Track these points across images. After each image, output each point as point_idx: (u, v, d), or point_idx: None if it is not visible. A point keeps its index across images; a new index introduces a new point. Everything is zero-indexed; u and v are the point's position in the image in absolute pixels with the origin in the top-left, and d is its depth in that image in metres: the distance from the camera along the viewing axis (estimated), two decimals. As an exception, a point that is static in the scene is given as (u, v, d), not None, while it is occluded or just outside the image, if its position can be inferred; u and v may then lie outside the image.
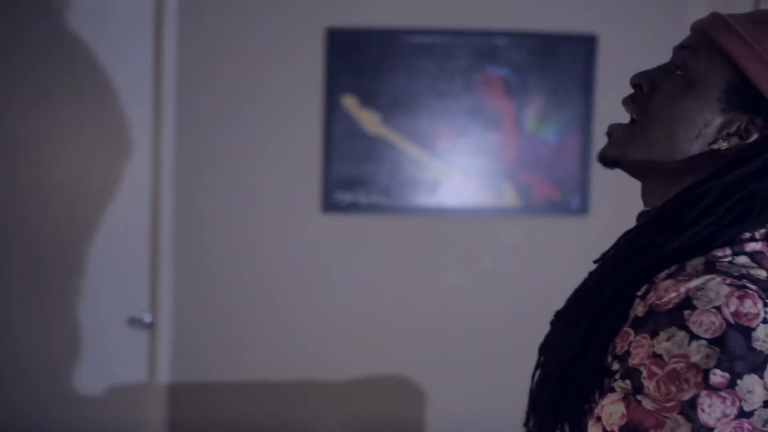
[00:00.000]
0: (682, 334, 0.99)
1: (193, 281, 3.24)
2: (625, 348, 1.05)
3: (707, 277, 1.03)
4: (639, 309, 1.06)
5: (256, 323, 3.27)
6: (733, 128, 1.12)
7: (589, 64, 3.37)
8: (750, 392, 0.97)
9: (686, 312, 1.00)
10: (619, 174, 1.27)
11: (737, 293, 1.00)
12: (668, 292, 1.04)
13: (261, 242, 3.26)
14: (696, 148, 1.13)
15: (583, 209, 3.37)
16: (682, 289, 1.03)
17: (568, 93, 3.37)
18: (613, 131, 1.21)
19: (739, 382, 0.96)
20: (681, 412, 0.97)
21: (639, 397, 1.01)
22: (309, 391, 3.31)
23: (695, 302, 1.01)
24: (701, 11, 3.32)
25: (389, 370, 3.35)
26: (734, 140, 1.12)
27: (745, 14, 1.15)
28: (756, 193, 1.09)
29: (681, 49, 1.18)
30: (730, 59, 1.11)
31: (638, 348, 1.03)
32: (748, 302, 1.00)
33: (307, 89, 3.25)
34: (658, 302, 1.04)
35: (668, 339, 1.00)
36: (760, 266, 1.07)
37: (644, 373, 1.01)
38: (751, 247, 1.08)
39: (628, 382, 1.03)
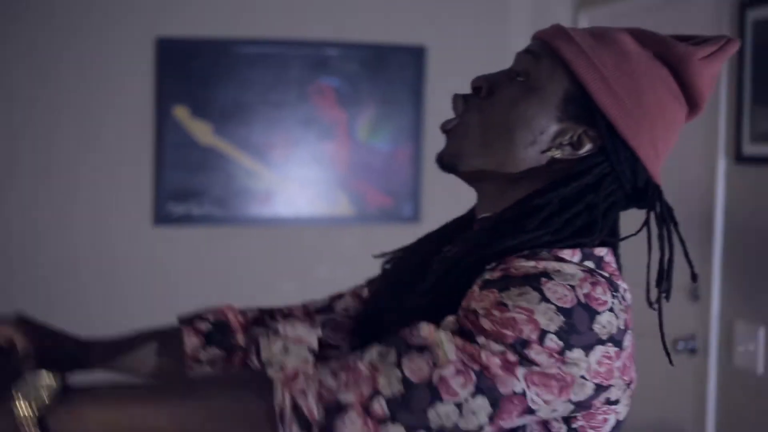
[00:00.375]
0: (534, 294, 1.01)
1: (13, 298, 3.11)
2: (467, 303, 1.05)
3: (564, 263, 1.06)
4: (488, 275, 1.07)
5: (86, 340, 3.17)
6: (567, 138, 1.14)
7: (419, 73, 3.44)
8: (575, 363, 1.00)
9: (543, 279, 1.02)
10: (449, 182, 1.29)
11: (590, 279, 1.03)
12: (524, 266, 1.05)
13: (89, 257, 3.16)
14: (531, 154, 1.15)
15: (415, 217, 3.44)
16: (540, 265, 1.05)
17: (398, 102, 3.44)
18: (449, 131, 1.20)
19: (567, 352, 0.99)
20: (512, 345, 0.99)
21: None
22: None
23: (553, 275, 1.03)
24: (523, 22, 3.46)
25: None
26: (567, 150, 1.14)
27: (585, 29, 1.19)
28: (595, 206, 1.12)
29: (525, 53, 1.19)
30: (570, 70, 1.14)
31: (483, 298, 1.03)
32: (599, 289, 1.03)
33: (137, 100, 3.18)
34: (513, 270, 1.05)
35: (519, 294, 1.01)
36: (604, 270, 1.11)
37: (481, 313, 1.01)
38: (598, 251, 1.12)
39: (460, 313, 1.04)
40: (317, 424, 0.98)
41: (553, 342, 0.99)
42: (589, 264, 1.10)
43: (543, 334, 0.99)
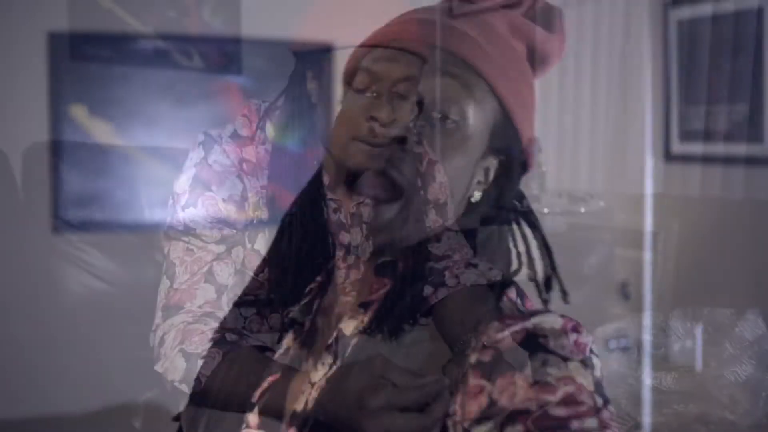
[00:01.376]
0: (552, 358, 0.83)
1: None
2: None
3: (537, 315, 0.88)
4: (475, 356, 0.88)
5: None
6: (482, 174, 0.98)
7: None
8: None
9: (540, 339, 0.85)
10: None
11: (570, 324, 0.87)
12: (499, 332, 0.88)
13: None
14: (462, 204, 0.97)
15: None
16: (517, 325, 0.87)
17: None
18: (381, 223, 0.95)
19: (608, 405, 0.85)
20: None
21: None
22: None
23: (541, 335, 0.86)
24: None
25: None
26: (482, 186, 0.99)
27: (467, 22, 0.96)
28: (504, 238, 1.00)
29: (447, 78, 0.93)
30: (494, 95, 0.95)
31: (507, 391, 0.83)
32: (582, 330, 0.88)
33: (31, 99, 3.00)
34: (497, 344, 0.87)
35: (543, 364, 0.83)
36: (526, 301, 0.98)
37: (532, 407, 0.83)
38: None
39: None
40: None
41: (605, 412, 0.85)
42: (519, 300, 0.95)
43: (606, 401, 0.85)
